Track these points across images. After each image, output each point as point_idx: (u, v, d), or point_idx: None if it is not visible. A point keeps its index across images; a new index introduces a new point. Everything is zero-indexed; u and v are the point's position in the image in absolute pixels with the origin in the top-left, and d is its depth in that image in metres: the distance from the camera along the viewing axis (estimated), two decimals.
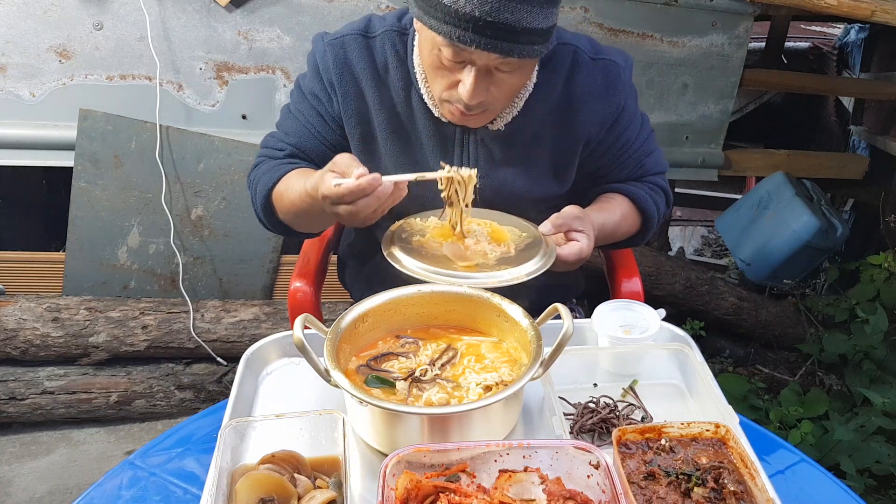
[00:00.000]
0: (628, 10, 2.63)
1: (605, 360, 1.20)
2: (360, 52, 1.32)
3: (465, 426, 0.95)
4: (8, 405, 2.39)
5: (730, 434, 0.95)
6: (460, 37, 1.09)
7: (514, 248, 1.26)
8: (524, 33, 1.09)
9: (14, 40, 2.32)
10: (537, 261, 1.21)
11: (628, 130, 1.41)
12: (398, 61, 1.33)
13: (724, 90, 2.88)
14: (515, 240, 1.29)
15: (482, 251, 1.25)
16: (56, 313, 2.44)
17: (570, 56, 1.33)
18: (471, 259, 1.22)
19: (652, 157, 1.47)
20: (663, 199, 1.50)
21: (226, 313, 2.55)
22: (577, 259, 1.25)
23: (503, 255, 1.24)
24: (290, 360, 1.23)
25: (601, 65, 1.34)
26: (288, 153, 1.40)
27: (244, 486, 0.88)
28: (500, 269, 1.19)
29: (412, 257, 1.21)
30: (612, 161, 1.44)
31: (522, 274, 1.18)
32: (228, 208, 2.56)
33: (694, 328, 2.94)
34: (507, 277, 1.17)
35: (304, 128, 1.39)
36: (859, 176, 3.32)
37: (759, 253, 3.12)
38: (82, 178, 2.46)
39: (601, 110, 1.35)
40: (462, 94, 1.18)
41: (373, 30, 1.34)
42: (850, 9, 2.62)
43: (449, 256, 1.23)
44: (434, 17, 1.11)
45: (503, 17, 1.07)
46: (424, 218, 1.35)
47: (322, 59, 1.34)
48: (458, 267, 1.19)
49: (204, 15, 2.38)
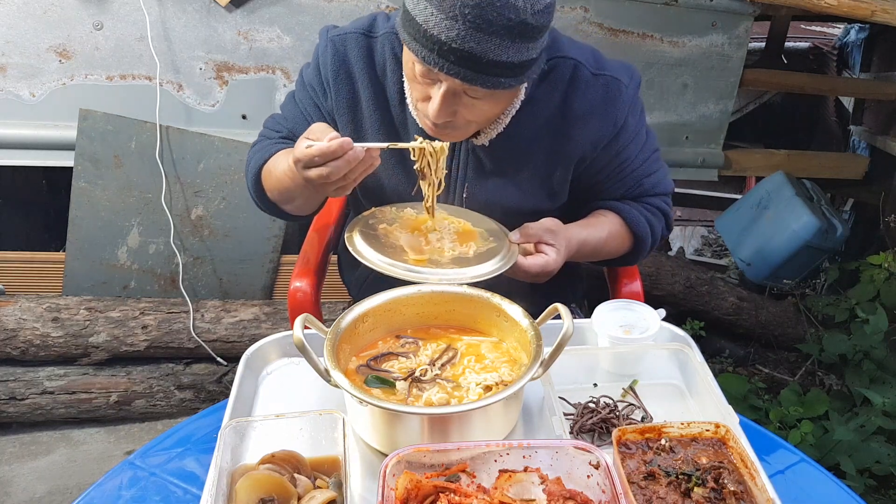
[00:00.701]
0: (628, 10, 2.63)
1: (605, 360, 1.20)
2: (360, 51, 1.33)
3: (465, 426, 0.95)
4: (8, 405, 2.39)
5: (730, 434, 0.95)
6: (426, 57, 1.10)
7: (475, 250, 1.25)
8: (491, 65, 1.08)
9: (14, 40, 2.32)
10: (490, 265, 1.20)
11: (628, 149, 1.37)
12: (396, 64, 1.32)
13: (724, 90, 2.88)
14: (479, 243, 1.27)
15: (440, 248, 1.24)
16: (56, 313, 2.44)
17: (570, 70, 1.30)
18: (424, 254, 1.22)
19: (653, 177, 1.42)
20: (661, 221, 1.45)
21: (226, 313, 2.55)
22: (539, 272, 1.24)
23: (461, 255, 1.23)
24: (290, 360, 1.23)
25: (602, 81, 1.30)
26: (283, 135, 1.43)
27: (244, 486, 0.88)
28: (450, 267, 1.18)
29: (367, 243, 1.21)
30: (607, 178, 1.40)
31: (466, 276, 1.17)
32: (228, 208, 2.56)
33: (694, 328, 2.94)
34: (452, 277, 1.16)
35: (302, 115, 1.42)
36: (859, 176, 3.32)
37: (759, 253, 3.12)
38: (82, 178, 2.46)
39: (597, 128, 1.32)
40: (429, 111, 1.18)
41: (376, 30, 1.34)
42: (850, 9, 2.62)
43: (405, 248, 1.22)
44: (408, 32, 1.12)
45: (468, 46, 1.06)
46: (401, 208, 1.35)
47: (322, 55, 1.35)
48: (409, 259, 1.19)
49: (204, 15, 2.38)
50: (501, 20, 1.04)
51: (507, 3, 1.04)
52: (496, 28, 1.05)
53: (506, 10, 1.04)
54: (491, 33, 1.05)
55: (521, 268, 1.23)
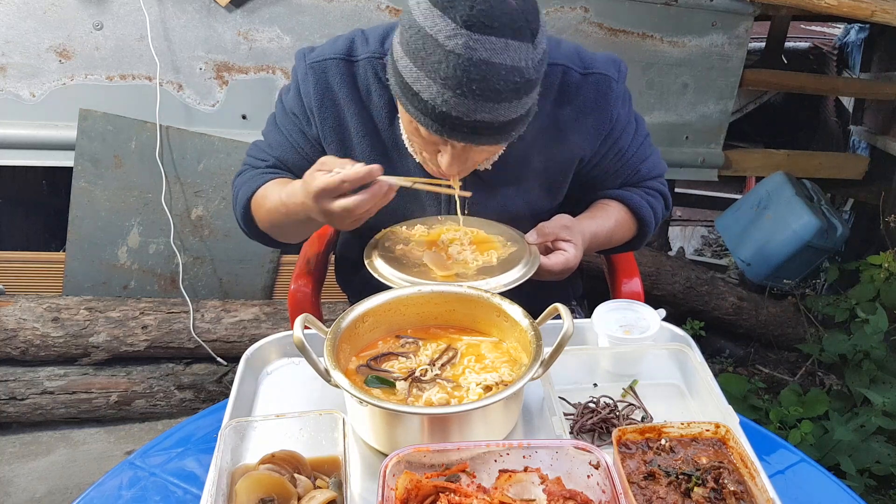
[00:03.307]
0: (628, 10, 2.63)
1: (605, 360, 1.20)
2: (342, 77, 1.30)
3: (465, 426, 0.95)
4: (8, 405, 2.39)
5: (730, 434, 0.95)
6: (437, 130, 1.09)
7: (497, 257, 1.26)
8: (499, 125, 1.08)
9: (14, 40, 2.32)
10: (517, 271, 1.21)
11: (622, 139, 1.39)
12: (381, 88, 1.29)
13: (724, 90, 2.88)
14: (500, 249, 1.28)
15: (464, 260, 1.25)
16: (56, 313, 2.44)
17: (558, 77, 1.29)
18: (450, 269, 1.22)
19: (648, 161, 1.45)
20: (661, 202, 1.48)
21: (226, 313, 2.55)
22: (562, 269, 1.24)
23: (485, 264, 1.24)
24: (290, 360, 1.23)
25: (592, 80, 1.30)
26: (270, 164, 1.41)
27: (244, 486, 0.88)
28: (479, 278, 1.19)
29: (392, 266, 1.21)
30: (606, 170, 1.42)
31: (500, 284, 1.18)
32: (228, 208, 2.56)
33: (694, 328, 2.94)
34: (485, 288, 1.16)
35: (287, 142, 1.39)
36: (859, 176, 3.32)
37: (759, 253, 3.12)
38: (82, 178, 2.46)
39: (593, 127, 1.33)
40: (442, 165, 1.18)
41: (356, 54, 1.31)
42: (850, 9, 2.62)
43: (429, 265, 1.23)
44: (411, 103, 1.09)
45: (480, 117, 1.05)
46: (410, 227, 1.35)
47: (304, 83, 1.32)
48: (437, 276, 1.20)
49: (204, 15, 2.38)
50: (508, 86, 1.04)
51: (511, 68, 1.02)
52: (504, 94, 1.04)
53: (511, 75, 1.03)
54: (500, 100, 1.05)
55: (545, 268, 1.24)
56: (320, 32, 2.45)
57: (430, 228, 1.33)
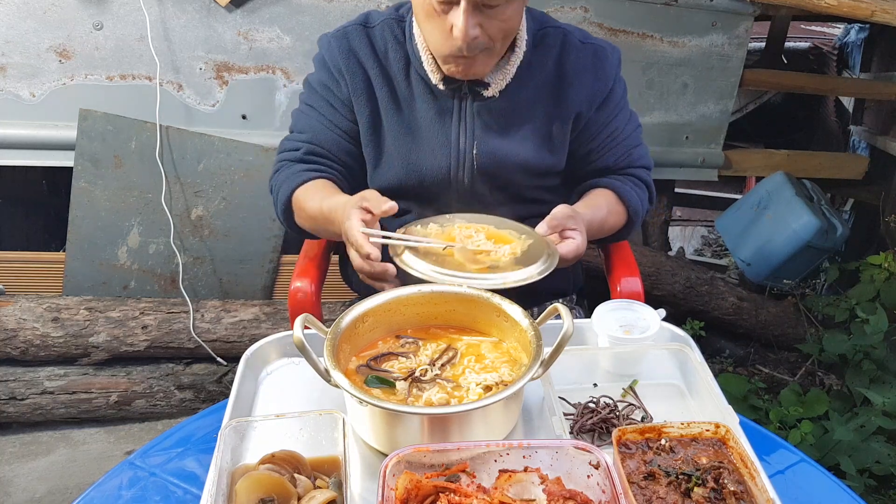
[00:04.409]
0: (628, 10, 2.63)
1: (605, 360, 1.20)
2: (362, 40, 1.42)
3: (465, 426, 0.95)
4: (8, 405, 2.39)
5: (730, 434, 0.95)
6: None
7: (521, 249, 1.27)
8: None
9: (14, 40, 2.32)
10: (544, 260, 1.22)
11: (618, 118, 1.49)
12: (397, 45, 1.41)
13: (724, 90, 2.88)
14: (517, 242, 1.29)
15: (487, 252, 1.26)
16: (56, 313, 2.44)
17: (560, 38, 1.43)
18: (482, 262, 1.23)
19: (639, 149, 1.55)
20: (646, 193, 1.56)
21: (226, 313, 2.55)
22: (574, 256, 1.28)
23: (511, 256, 1.25)
24: (290, 360, 1.23)
25: (590, 48, 1.44)
26: (304, 151, 1.47)
27: (244, 486, 0.88)
28: (514, 269, 1.20)
29: (425, 261, 1.20)
30: (602, 145, 1.50)
31: (534, 273, 1.19)
32: (228, 208, 2.56)
33: (694, 328, 2.94)
34: (522, 277, 1.18)
35: (317, 120, 1.47)
36: (859, 176, 3.32)
37: (759, 253, 3.12)
38: (82, 178, 2.46)
39: (591, 86, 1.44)
40: (457, 35, 1.23)
41: (372, 21, 1.45)
42: (850, 9, 2.62)
43: (461, 260, 1.23)
44: None
45: None
46: (425, 225, 1.35)
47: (328, 51, 1.44)
48: (472, 269, 1.20)
49: (204, 15, 2.38)
50: None
51: None
52: None
53: None
54: None
55: (561, 256, 1.27)
56: (320, 32, 2.41)
57: (442, 227, 1.33)
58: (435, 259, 1.22)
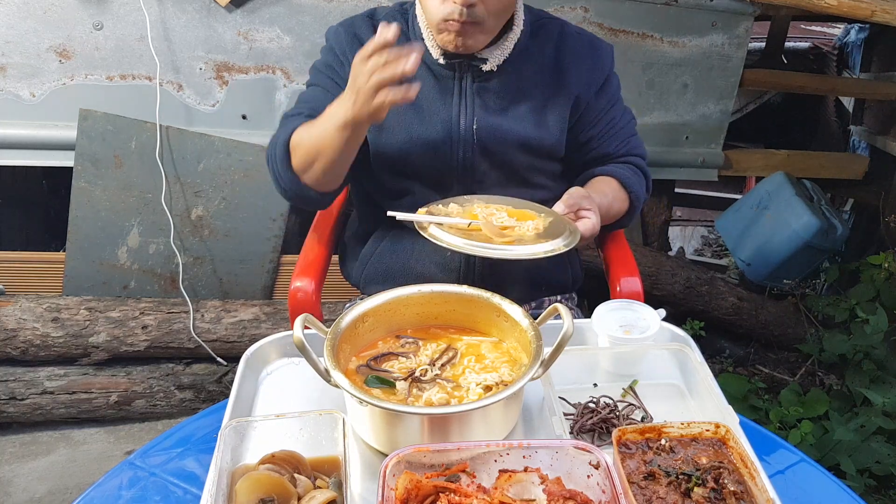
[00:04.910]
0: (628, 10, 2.63)
1: (605, 360, 1.20)
2: (367, 28, 1.48)
3: (465, 426, 0.95)
4: (8, 405, 2.39)
5: (730, 434, 0.95)
6: None
7: (542, 225, 1.29)
8: None
9: (14, 40, 2.32)
10: (566, 235, 1.24)
11: (615, 108, 1.55)
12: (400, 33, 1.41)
13: (724, 90, 2.88)
14: (539, 219, 1.31)
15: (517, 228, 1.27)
16: (56, 313, 2.44)
17: (558, 28, 1.51)
18: (508, 236, 1.24)
19: (636, 138, 1.60)
20: (643, 181, 1.60)
21: (226, 313, 2.55)
22: (590, 234, 1.32)
23: (535, 231, 1.27)
24: (290, 360, 1.23)
25: (586, 37, 1.53)
26: (305, 115, 1.46)
27: (244, 486, 0.88)
28: (540, 241, 1.21)
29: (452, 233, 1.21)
30: (602, 132, 1.55)
31: (560, 245, 1.20)
32: (228, 208, 2.56)
33: (694, 328, 2.94)
34: (549, 248, 1.19)
35: (321, 94, 1.49)
36: (859, 176, 3.32)
37: (759, 253, 3.12)
38: (82, 178, 2.46)
39: (589, 70, 1.50)
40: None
41: (377, 15, 1.53)
42: (850, 9, 2.62)
43: (488, 234, 1.24)
44: None
45: None
46: (446, 205, 1.36)
47: (335, 38, 1.50)
48: (499, 243, 1.20)
49: (204, 15, 2.38)
50: None
51: None
52: None
53: None
54: None
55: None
56: (320, 32, 2.45)
57: (462, 206, 1.34)
58: (462, 234, 1.23)
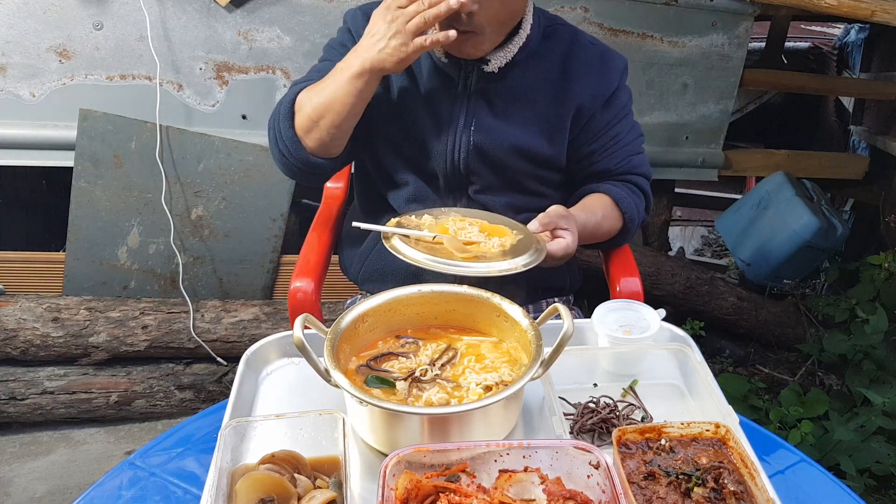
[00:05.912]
0: (628, 10, 2.63)
1: (605, 360, 1.20)
2: None
3: (465, 426, 0.95)
4: (8, 405, 2.39)
5: (730, 434, 0.95)
6: None
7: (511, 242, 1.29)
8: None
9: (14, 40, 2.32)
10: (531, 254, 1.24)
11: (621, 123, 1.50)
12: None
13: (724, 90, 2.88)
14: (509, 236, 1.31)
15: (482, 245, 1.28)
16: (56, 313, 2.44)
17: (569, 34, 1.47)
18: (469, 251, 1.24)
19: (639, 157, 1.55)
20: (643, 202, 1.56)
21: (226, 313, 2.55)
22: (563, 254, 1.30)
23: (500, 248, 1.27)
24: (290, 360, 1.23)
25: (598, 48, 1.49)
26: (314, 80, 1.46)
27: (244, 486, 0.88)
28: (500, 260, 1.21)
29: (413, 247, 1.23)
30: (603, 147, 1.51)
31: (519, 265, 1.20)
32: (228, 208, 2.56)
33: (694, 328, 2.94)
34: (505, 267, 1.19)
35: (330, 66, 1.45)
36: (859, 176, 3.32)
37: (759, 253, 3.12)
38: (82, 178, 2.46)
39: (596, 83, 1.46)
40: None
41: None
42: (850, 9, 2.62)
43: (450, 249, 1.24)
44: None
45: None
46: (419, 215, 1.37)
47: (352, 19, 1.49)
48: (459, 258, 1.21)
49: (204, 15, 2.38)
50: None
51: None
52: None
53: None
54: None
55: (549, 253, 1.28)
56: (320, 32, 2.45)
57: (436, 218, 1.36)
58: (425, 247, 1.24)
